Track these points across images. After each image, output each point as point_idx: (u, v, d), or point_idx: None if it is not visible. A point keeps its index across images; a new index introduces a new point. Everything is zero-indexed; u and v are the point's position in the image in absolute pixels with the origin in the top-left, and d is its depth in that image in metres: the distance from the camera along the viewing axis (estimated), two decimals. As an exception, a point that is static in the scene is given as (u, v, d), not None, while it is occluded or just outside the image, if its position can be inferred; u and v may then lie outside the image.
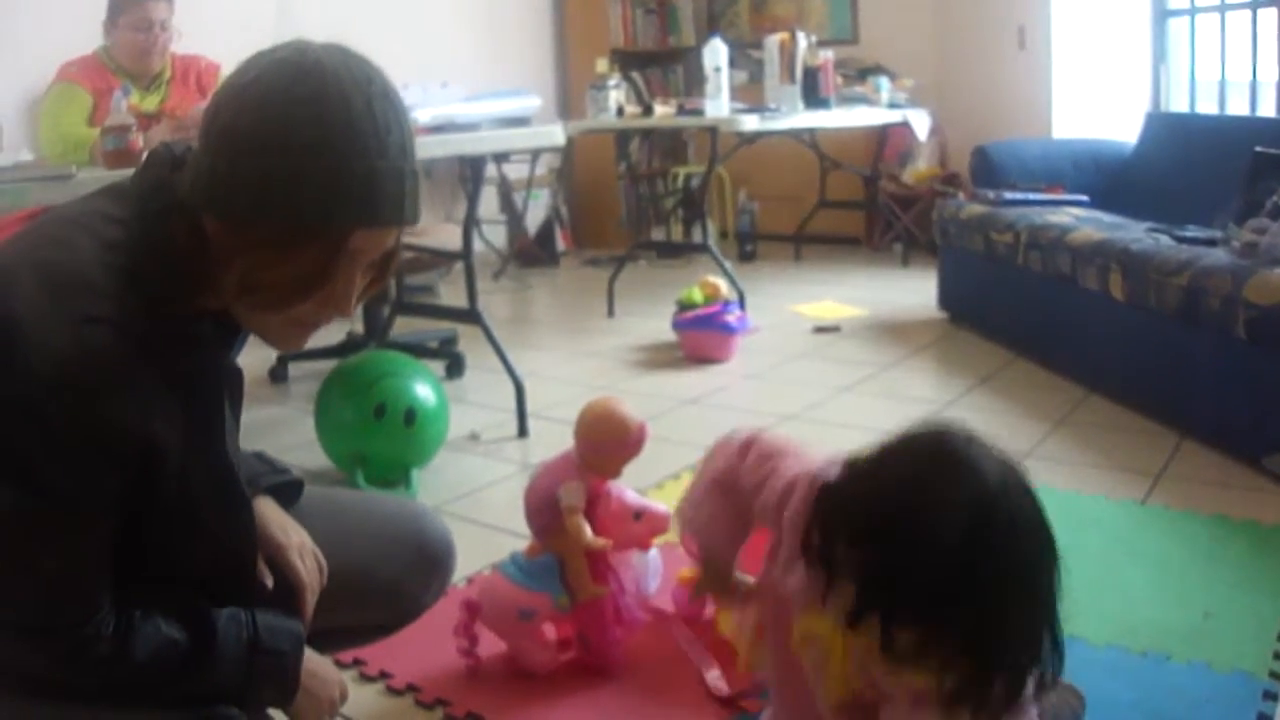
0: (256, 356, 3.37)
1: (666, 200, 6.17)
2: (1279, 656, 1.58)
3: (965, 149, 4.38)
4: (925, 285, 4.13)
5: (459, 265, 3.06)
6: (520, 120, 2.94)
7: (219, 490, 1.03)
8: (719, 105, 4.07)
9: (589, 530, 1.55)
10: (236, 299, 0.97)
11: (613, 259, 4.73)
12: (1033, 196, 3.62)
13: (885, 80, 4.96)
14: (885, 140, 5.35)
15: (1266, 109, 4.13)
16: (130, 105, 2.48)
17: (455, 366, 3.41)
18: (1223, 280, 2.39)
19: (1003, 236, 3.38)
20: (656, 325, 3.89)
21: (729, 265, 4.11)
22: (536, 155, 5.35)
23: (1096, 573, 1.85)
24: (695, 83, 5.66)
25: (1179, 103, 4.56)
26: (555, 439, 2.34)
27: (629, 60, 5.98)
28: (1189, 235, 2.81)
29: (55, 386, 0.86)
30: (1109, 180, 3.85)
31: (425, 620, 1.39)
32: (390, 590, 1.31)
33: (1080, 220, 3.22)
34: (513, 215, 5.57)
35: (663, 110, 4.40)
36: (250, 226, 0.93)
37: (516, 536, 1.96)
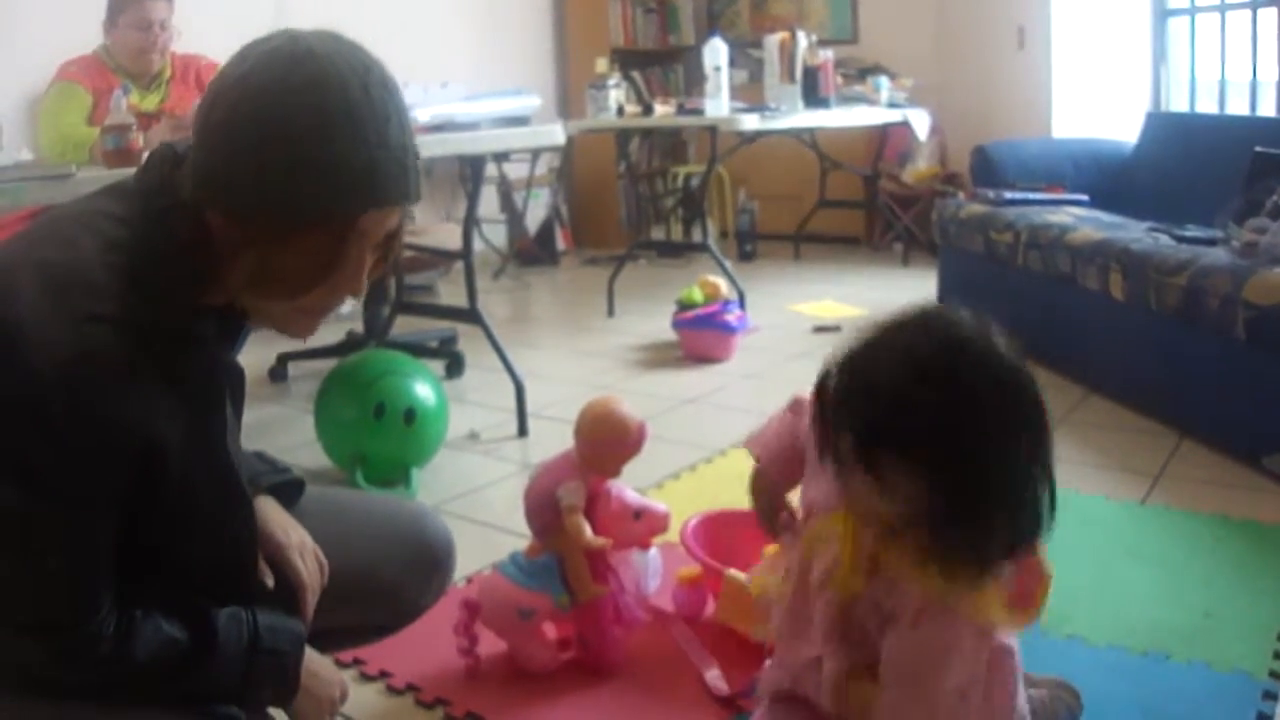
0: (256, 356, 3.37)
1: (666, 200, 6.18)
2: (1279, 656, 1.58)
3: (965, 149, 4.38)
4: (925, 285, 4.13)
5: (459, 265, 3.06)
6: (520, 120, 2.94)
7: (220, 489, 1.03)
8: (719, 105, 4.07)
9: (589, 530, 1.55)
10: (247, 291, 0.98)
11: (613, 258, 4.73)
12: (1033, 196, 3.61)
13: (885, 80, 4.96)
14: (885, 140, 5.35)
15: (1266, 109, 4.13)
16: (130, 105, 2.48)
17: (455, 366, 3.41)
18: (1222, 280, 2.39)
19: (1002, 236, 3.38)
20: (656, 325, 3.89)
21: (729, 265, 4.11)
22: (536, 155, 5.35)
23: (1096, 573, 1.85)
24: (695, 82, 5.66)
25: (1179, 102, 4.56)
26: (555, 439, 2.34)
27: (629, 60, 5.98)
28: (1189, 235, 2.81)
29: (57, 385, 0.86)
30: (1109, 180, 3.85)
31: (425, 620, 1.39)
32: (391, 590, 1.31)
33: (1080, 220, 3.22)
34: (513, 215, 5.57)
35: (663, 110, 4.40)
36: (256, 218, 0.93)
37: (516, 536, 1.96)
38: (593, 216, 6.13)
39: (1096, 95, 4.75)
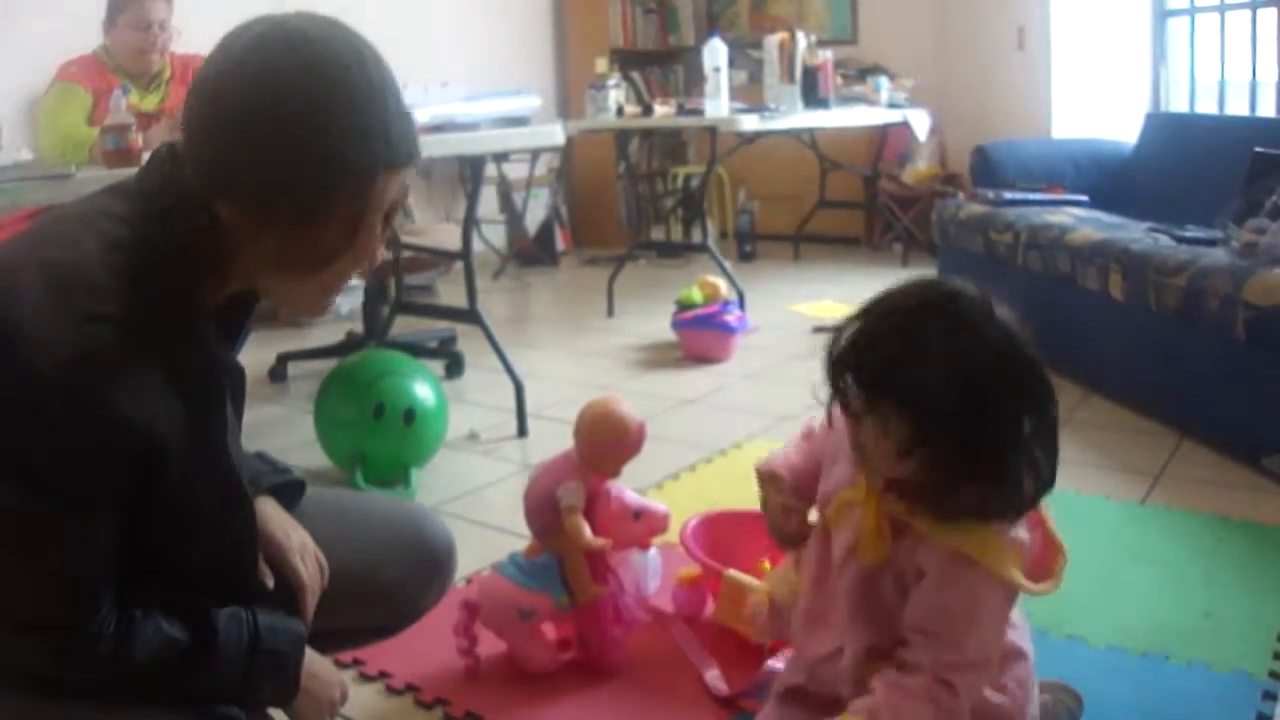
0: (256, 356, 3.37)
1: (666, 200, 6.18)
2: (1279, 656, 1.58)
3: (965, 149, 4.38)
4: (925, 285, 4.14)
5: (458, 265, 3.06)
6: (520, 120, 2.94)
7: (221, 489, 1.03)
8: (718, 105, 4.07)
9: (588, 530, 1.55)
10: (271, 272, 1.00)
11: (612, 259, 4.73)
12: (1032, 196, 3.62)
13: (885, 80, 4.96)
14: (885, 140, 5.35)
15: (1266, 109, 4.13)
16: (130, 105, 2.49)
17: (454, 366, 3.41)
18: (1222, 281, 2.39)
19: (1002, 236, 3.38)
20: (656, 325, 3.89)
21: (728, 265, 4.11)
22: (536, 155, 5.35)
23: (1096, 573, 1.85)
24: (695, 82, 5.66)
25: (1179, 103, 4.56)
26: (555, 439, 2.34)
27: (629, 60, 5.98)
28: (1189, 235, 2.81)
29: (57, 385, 0.86)
30: (1109, 180, 3.85)
31: (425, 620, 1.39)
32: (391, 592, 1.31)
33: (1080, 220, 3.22)
34: (512, 215, 5.57)
35: (662, 110, 4.40)
36: (277, 199, 0.95)
37: (516, 536, 1.96)
38: (592, 217, 6.13)
39: (1096, 95, 4.75)
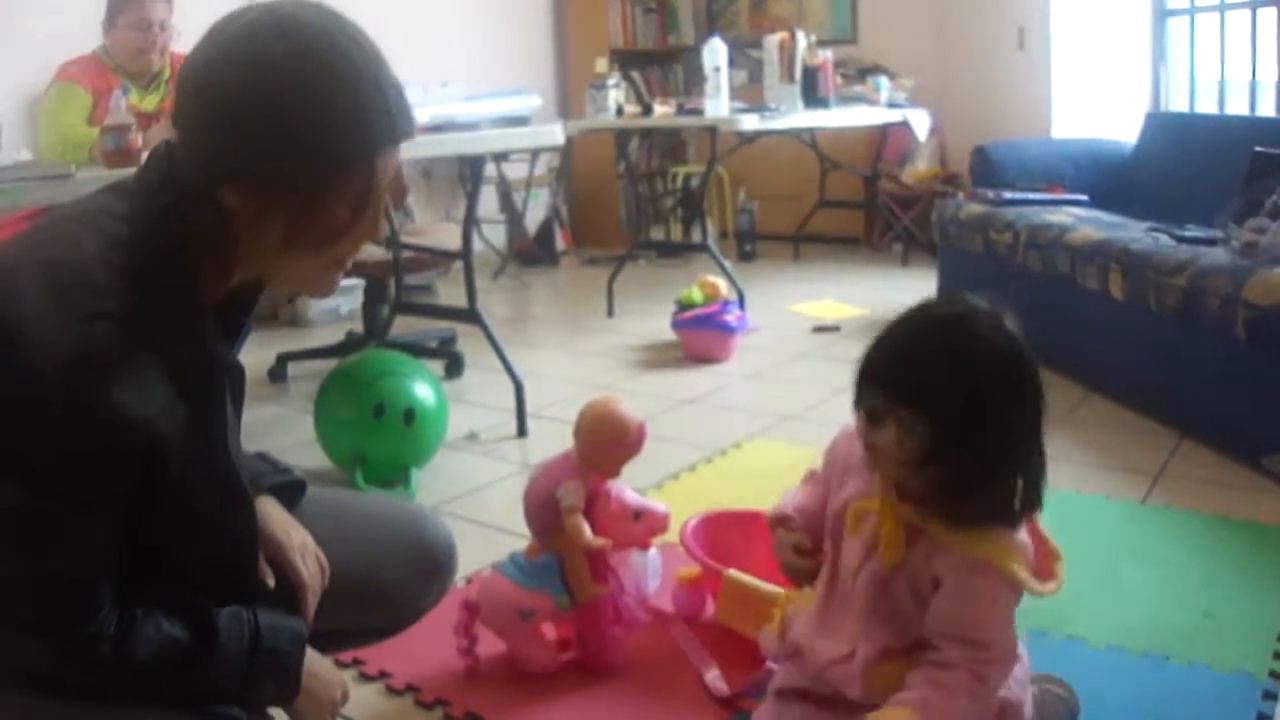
0: (256, 356, 3.37)
1: (666, 200, 6.17)
2: (1279, 656, 1.58)
3: (965, 149, 4.38)
4: (925, 285, 4.12)
5: (458, 265, 3.06)
6: (520, 120, 2.95)
7: (221, 488, 1.03)
8: (718, 105, 4.07)
9: (588, 530, 1.55)
10: (279, 254, 1.01)
11: (612, 258, 4.73)
12: (1032, 196, 3.61)
13: (885, 80, 4.96)
14: (885, 140, 5.35)
15: (1266, 109, 4.13)
16: (129, 105, 2.48)
17: (454, 366, 3.41)
18: (1222, 280, 2.39)
19: (1002, 236, 3.38)
20: (656, 325, 3.89)
21: (728, 265, 4.11)
22: (536, 155, 5.35)
23: (1096, 573, 1.85)
24: (695, 82, 5.65)
25: (1179, 103, 4.56)
26: (555, 439, 2.34)
27: (629, 60, 5.98)
28: (1189, 235, 2.81)
29: (58, 385, 0.86)
30: (1109, 180, 3.85)
31: (425, 620, 1.39)
32: (391, 593, 1.31)
33: (1080, 220, 3.22)
34: (512, 215, 5.57)
35: (662, 110, 4.40)
36: (285, 179, 0.96)
37: (516, 536, 1.96)
38: (592, 217, 6.13)
39: (1096, 95, 4.75)
